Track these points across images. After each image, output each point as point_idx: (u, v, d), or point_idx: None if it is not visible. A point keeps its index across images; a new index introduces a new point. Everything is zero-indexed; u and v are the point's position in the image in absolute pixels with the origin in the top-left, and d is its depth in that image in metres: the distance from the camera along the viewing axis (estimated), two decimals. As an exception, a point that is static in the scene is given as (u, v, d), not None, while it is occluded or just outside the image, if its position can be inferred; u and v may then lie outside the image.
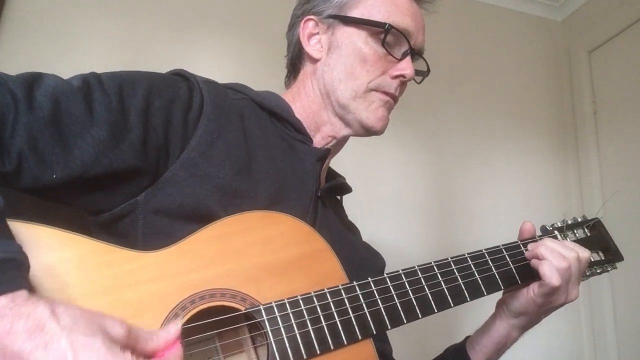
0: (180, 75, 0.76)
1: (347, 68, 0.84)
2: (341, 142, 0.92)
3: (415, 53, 0.88)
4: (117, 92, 0.65)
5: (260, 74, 1.02)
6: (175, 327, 0.52)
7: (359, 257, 0.86)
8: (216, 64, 1.81)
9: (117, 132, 0.63)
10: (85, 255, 0.57)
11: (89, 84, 0.64)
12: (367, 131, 0.87)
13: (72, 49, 1.63)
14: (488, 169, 2.15)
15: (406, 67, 0.85)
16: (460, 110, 2.17)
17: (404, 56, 0.86)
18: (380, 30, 0.84)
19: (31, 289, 0.47)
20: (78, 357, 0.42)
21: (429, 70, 0.94)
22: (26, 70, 0.63)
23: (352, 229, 0.99)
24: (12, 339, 0.42)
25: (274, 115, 0.84)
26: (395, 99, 0.88)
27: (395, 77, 0.86)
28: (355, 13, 0.86)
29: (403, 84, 0.88)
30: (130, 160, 0.64)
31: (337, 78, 0.85)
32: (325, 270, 0.69)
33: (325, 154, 0.86)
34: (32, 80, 0.60)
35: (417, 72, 0.90)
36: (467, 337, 0.94)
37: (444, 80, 2.16)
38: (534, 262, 0.82)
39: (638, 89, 2.02)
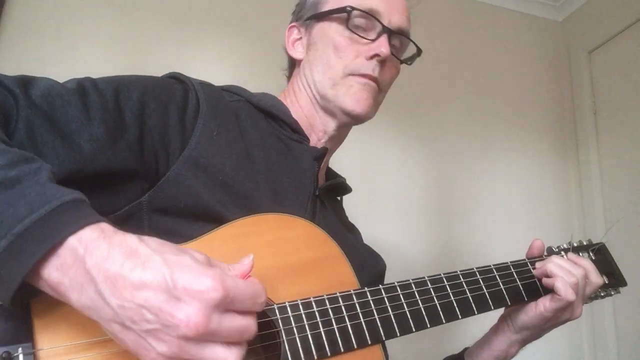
0: (175, 78, 0.77)
1: (324, 60, 0.86)
2: (336, 138, 0.92)
3: (393, 32, 0.86)
4: (112, 95, 0.65)
5: (262, 75, 1.02)
6: (248, 259, 0.54)
7: (358, 258, 0.86)
8: (217, 64, 1.81)
9: (113, 131, 0.63)
10: None
11: (84, 86, 0.64)
12: (350, 116, 0.85)
13: (72, 49, 1.63)
14: (488, 168, 2.16)
15: (379, 45, 0.83)
16: (461, 110, 2.17)
17: (378, 36, 0.85)
18: (345, 17, 0.84)
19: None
20: (173, 272, 0.46)
21: (419, 50, 0.92)
22: (26, 70, 0.63)
23: (352, 230, 0.99)
24: (112, 262, 0.46)
25: (270, 115, 0.85)
26: (375, 80, 0.85)
27: (371, 57, 0.84)
28: (327, 7, 0.88)
29: (383, 64, 0.86)
30: (127, 160, 0.64)
31: (316, 71, 0.87)
32: (338, 275, 0.70)
33: (323, 152, 0.86)
34: (26, 81, 0.60)
35: (409, 58, 0.91)
36: (466, 349, 0.95)
37: (444, 80, 2.17)
38: (545, 280, 0.84)
39: (638, 89, 2.03)
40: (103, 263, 0.46)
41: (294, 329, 0.63)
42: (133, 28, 1.73)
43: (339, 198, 1.00)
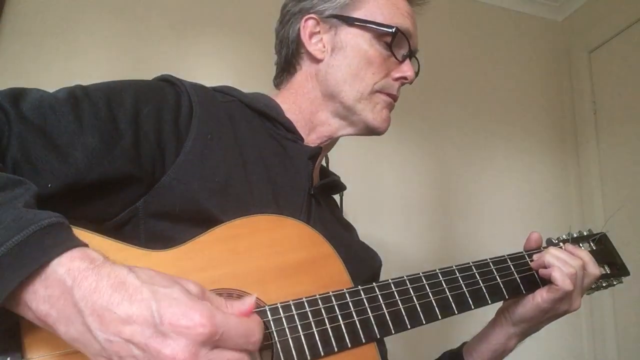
0: (166, 81, 0.76)
1: (352, 69, 0.85)
2: (335, 141, 0.93)
3: (413, 55, 0.90)
4: (105, 102, 0.65)
5: (260, 75, 1.03)
6: (250, 300, 0.51)
7: (353, 255, 0.85)
8: (216, 65, 1.82)
9: (108, 139, 0.63)
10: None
11: (76, 95, 0.64)
12: (372, 132, 0.89)
13: (72, 49, 1.63)
14: (488, 168, 2.15)
15: (408, 69, 0.88)
16: (460, 110, 2.17)
17: (404, 58, 0.88)
18: (385, 33, 0.84)
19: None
20: (161, 305, 0.45)
21: (419, 70, 0.95)
22: (26, 71, 0.63)
23: (347, 228, 0.99)
24: (99, 295, 0.45)
25: (263, 115, 0.84)
26: (396, 99, 0.90)
27: (397, 79, 0.88)
28: (359, 14, 0.86)
29: (402, 85, 0.90)
30: (123, 167, 0.63)
31: (342, 79, 0.85)
32: (331, 275, 0.70)
33: (317, 152, 0.86)
34: (17, 94, 0.60)
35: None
36: (464, 343, 0.95)
37: (444, 80, 2.16)
38: (541, 271, 0.83)
39: (638, 89, 2.03)
40: (90, 295, 0.45)
41: (286, 330, 0.62)
42: (133, 28, 1.73)
43: (338, 197, 1.00)
